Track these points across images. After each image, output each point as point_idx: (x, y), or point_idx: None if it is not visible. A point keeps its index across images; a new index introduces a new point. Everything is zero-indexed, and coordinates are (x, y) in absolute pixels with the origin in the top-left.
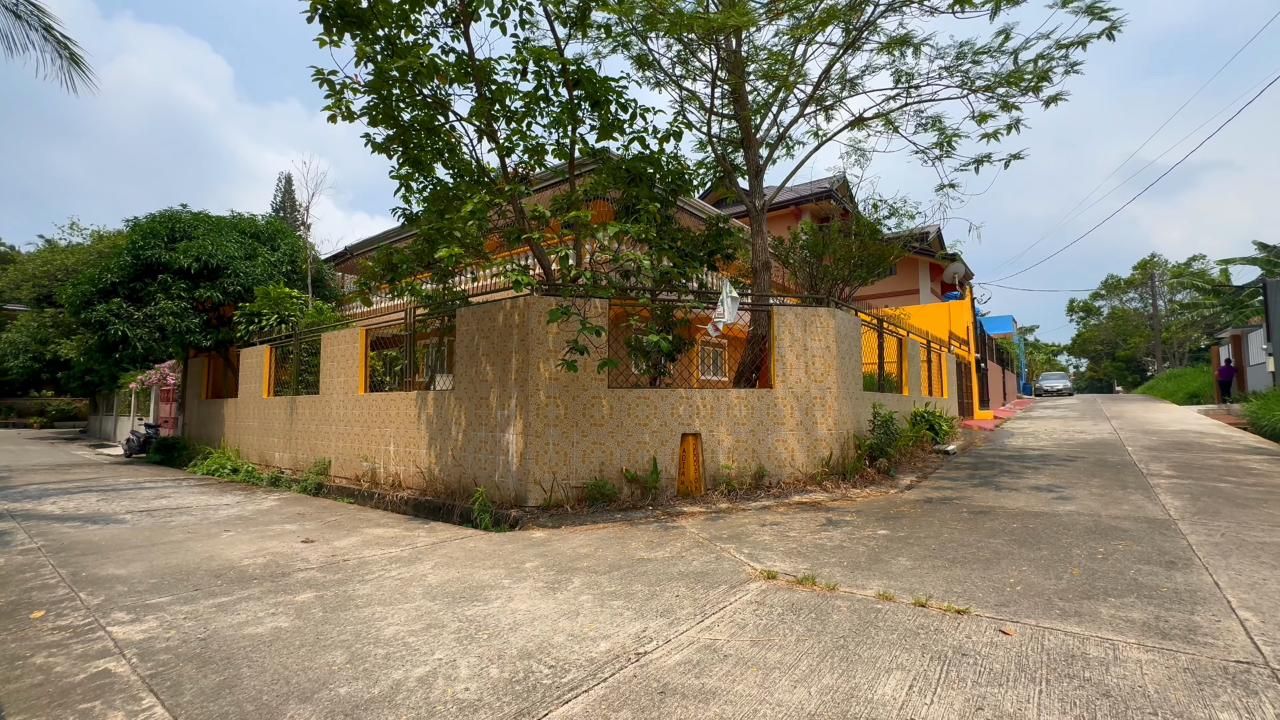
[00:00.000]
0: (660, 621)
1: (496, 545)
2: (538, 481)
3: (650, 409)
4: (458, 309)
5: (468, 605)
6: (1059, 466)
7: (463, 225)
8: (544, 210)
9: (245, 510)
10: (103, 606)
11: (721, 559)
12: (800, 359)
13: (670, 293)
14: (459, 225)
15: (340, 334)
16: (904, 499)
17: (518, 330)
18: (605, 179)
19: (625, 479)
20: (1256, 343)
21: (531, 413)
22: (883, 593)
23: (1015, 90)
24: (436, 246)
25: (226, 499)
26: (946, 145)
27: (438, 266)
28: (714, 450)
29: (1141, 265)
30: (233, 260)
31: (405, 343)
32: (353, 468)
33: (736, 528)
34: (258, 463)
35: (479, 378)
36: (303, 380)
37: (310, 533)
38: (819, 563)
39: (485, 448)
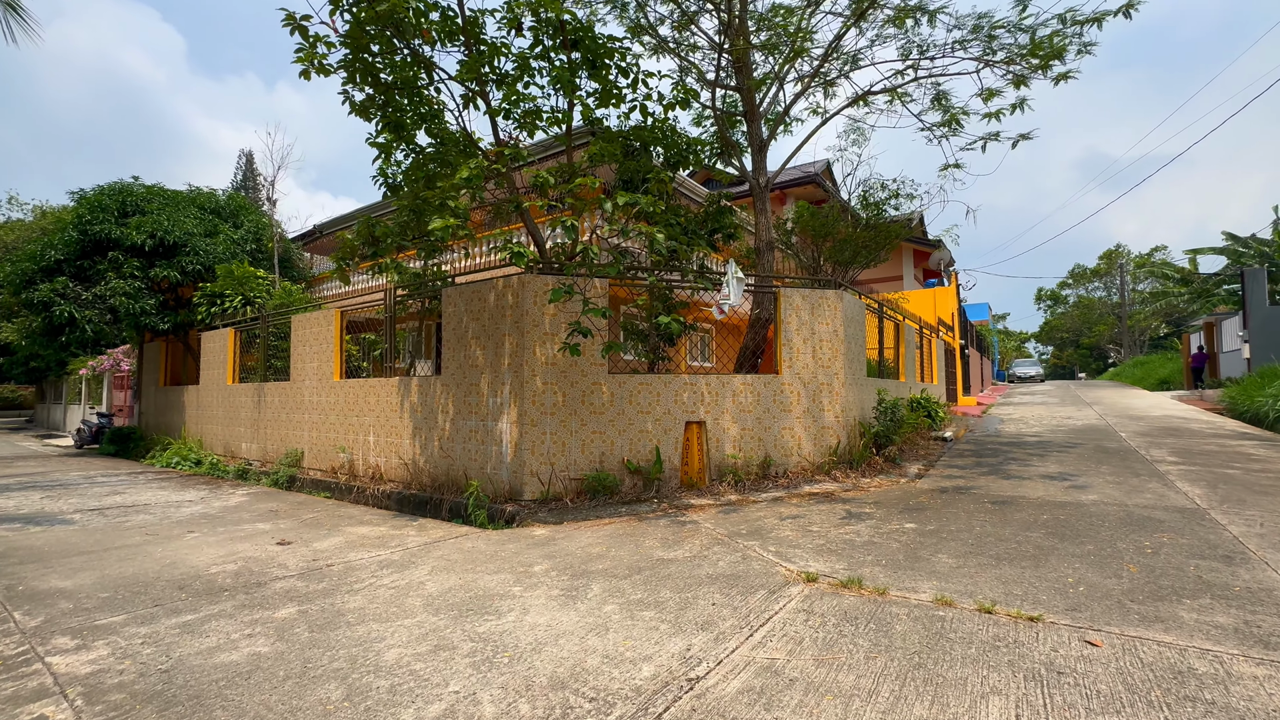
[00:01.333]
0: (704, 637)
1: (496, 545)
2: (534, 473)
3: (653, 396)
4: (444, 289)
5: (478, 620)
6: (1062, 453)
7: (455, 195)
8: (548, 176)
9: (211, 507)
10: (42, 630)
11: (749, 559)
12: (807, 344)
13: (670, 274)
14: (451, 195)
15: (313, 316)
16: (918, 489)
17: (511, 312)
18: (607, 148)
19: (627, 470)
20: (1230, 330)
21: (527, 400)
22: (940, 597)
23: (1031, 64)
24: (424, 218)
25: (189, 494)
26: (953, 123)
27: (425, 241)
28: (719, 439)
29: (1107, 255)
30: (191, 237)
31: (385, 326)
32: (328, 459)
33: (754, 522)
34: (222, 454)
35: (468, 363)
36: (271, 366)
37: (286, 532)
38: (855, 562)
39: (476, 438)
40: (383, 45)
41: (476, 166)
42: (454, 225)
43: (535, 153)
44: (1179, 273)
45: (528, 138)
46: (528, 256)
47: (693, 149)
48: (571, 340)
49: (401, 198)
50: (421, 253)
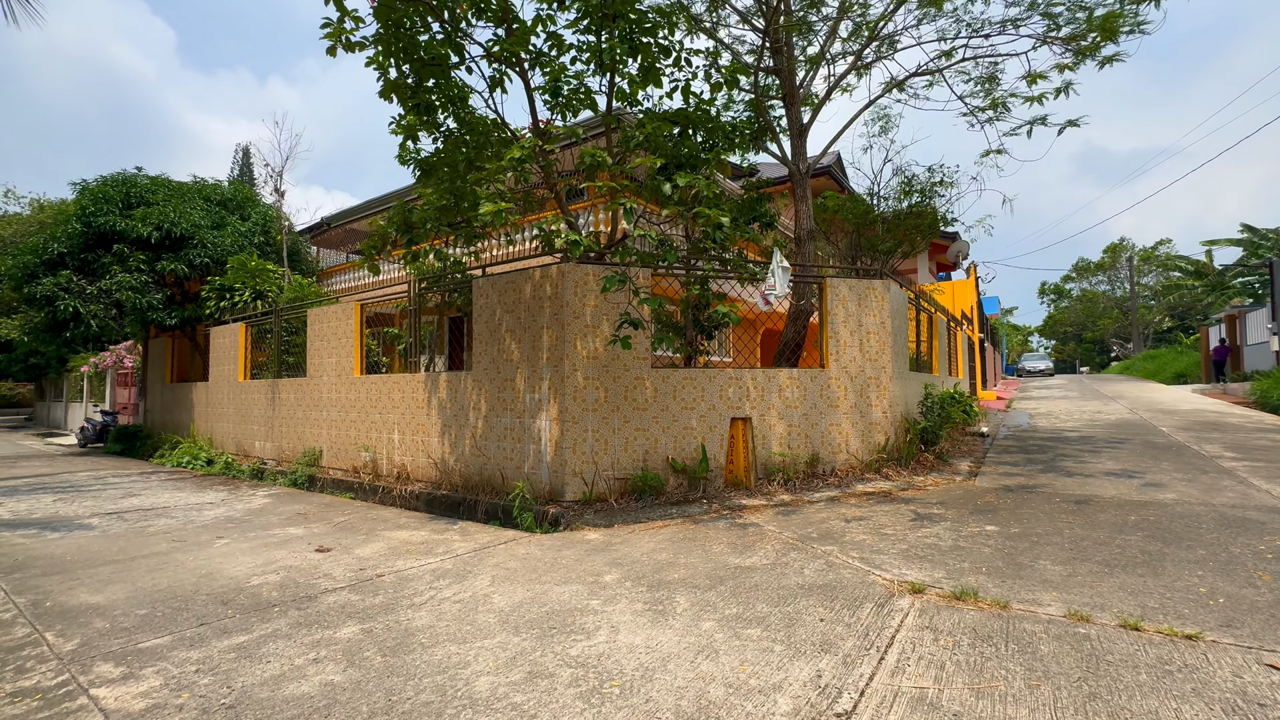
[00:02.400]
0: (829, 661)
1: (552, 552)
2: (576, 473)
3: (697, 391)
4: (474, 281)
5: (565, 640)
6: (1113, 449)
7: (502, 177)
8: (604, 155)
9: (234, 510)
10: (80, 655)
11: (834, 566)
12: (854, 336)
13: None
14: (499, 177)
15: (331, 310)
16: (978, 488)
17: (550, 303)
18: (663, 125)
19: (671, 469)
20: (1255, 322)
21: (568, 396)
22: (1072, 611)
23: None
24: (463, 202)
25: (209, 496)
26: (1001, 106)
27: (466, 227)
28: (765, 436)
29: (1111, 249)
30: (198, 230)
31: (410, 319)
32: (349, 458)
33: (818, 525)
34: (235, 453)
35: (502, 357)
36: (284, 362)
37: (321, 538)
38: (953, 570)
39: (511, 436)
40: (417, 17)
41: (530, 145)
42: (506, 209)
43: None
44: (1193, 265)
45: (561, 120)
46: (583, 243)
47: (739, 131)
48: (622, 333)
49: (438, 180)
50: (459, 239)
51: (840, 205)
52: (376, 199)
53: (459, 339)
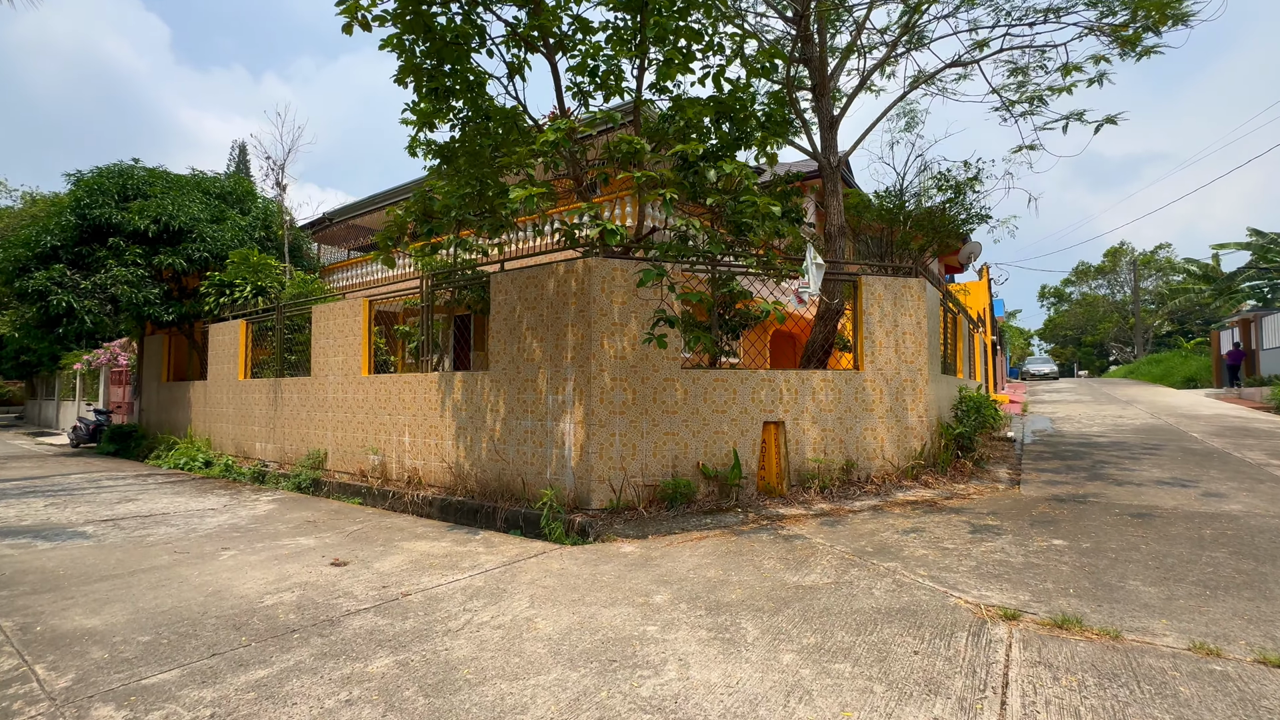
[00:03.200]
0: (944, 706)
1: (588, 567)
2: (603, 479)
3: (729, 394)
4: (492, 276)
5: (629, 676)
6: (1150, 455)
7: (533, 162)
8: (642, 144)
9: (238, 516)
10: (75, 694)
11: (905, 586)
12: (890, 336)
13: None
14: (529, 161)
15: (337, 306)
16: (1027, 497)
17: (575, 299)
18: (705, 109)
19: (702, 475)
20: (1272, 326)
21: (594, 398)
22: (1197, 644)
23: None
24: (488, 191)
25: (209, 501)
26: (1037, 100)
27: (489, 218)
28: (798, 441)
29: (1111, 253)
30: (197, 223)
31: (422, 316)
32: (356, 461)
33: (870, 537)
34: (235, 454)
35: (522, 357)
36: (287, 361)
37: (335, 549)
38: (1037, 591)
39: (532, 439)
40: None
41: (565, 127)
42: (538, 194)
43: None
44: (1201, 269)
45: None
46: (620, 232)
47: (772, 120)
48: (657, 331)
49: (457, 169)
50: (484, 229)
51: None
52: (381, 194)
53: (465, 338)
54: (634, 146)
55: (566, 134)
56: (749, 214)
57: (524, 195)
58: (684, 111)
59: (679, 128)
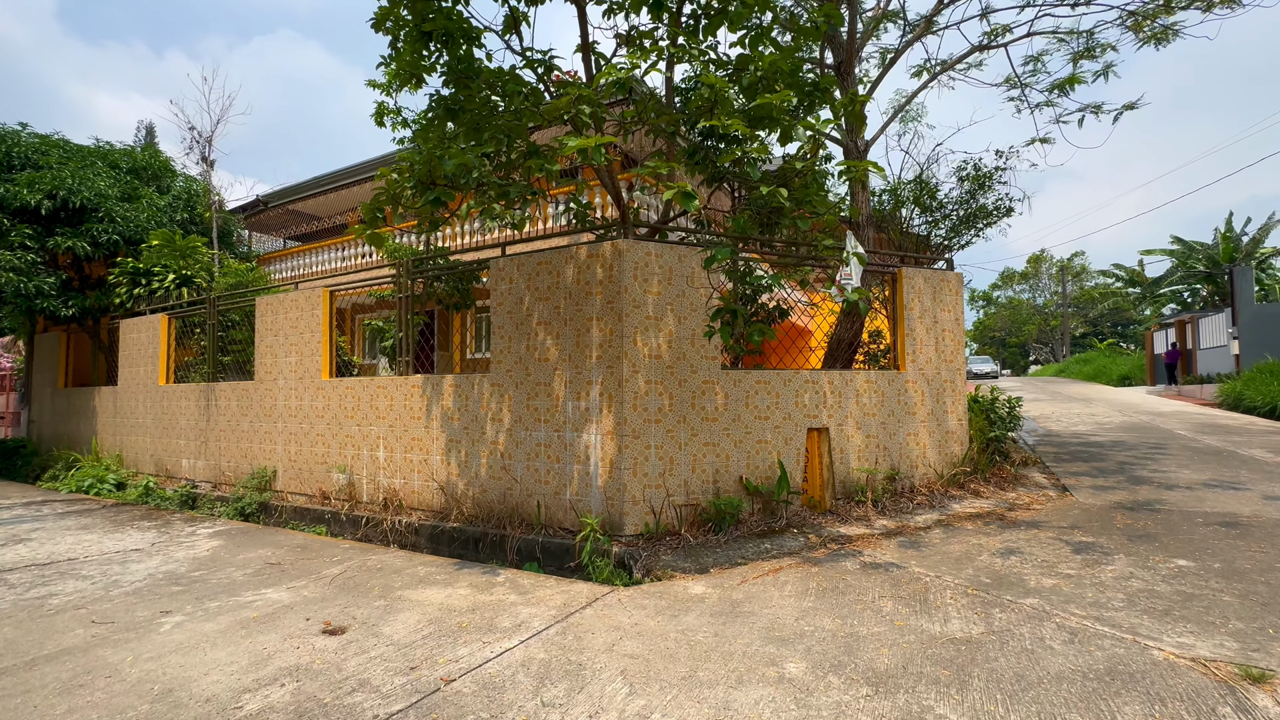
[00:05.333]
0: None
1: (666, 619)
2: (637, 500)
3: (772, 397)
4: (492, 262)
5: None
6: (1162, 454)
7: (582, 111)
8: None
9: (174, 560)
10: None
11: (1081, 635)
12: (930, 334)
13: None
14: (581, 110)
15: (290, 299)
16: (1089, 505)
17: (601, 288)
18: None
19: (745, 491)
20: (1208, 327)
21: (626, 404)
22: None
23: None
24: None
25: (131, 538)
26: (1063, 88)
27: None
28: (842, 448)
29: (1034, 259)
30: (104, 200)
31: (401, 309)
32: (315, 480)
33: (968, 562)
34: (155, 473)
35: (533, 356)
36: (221, 363)
37: (320, 606)
38: (1236, 634)
39: (547, 454)
40: None
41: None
42: (603, 144)
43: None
44: (1129, 274)
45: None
46: (696, 200)
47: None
48: (718, 322)
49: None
50: (509, 198)
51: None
52: (328, 175)
53: (428, 337)
54: (716, 90)
55: (628, 78)
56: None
57: (583, 144)
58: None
59: (756, 75)
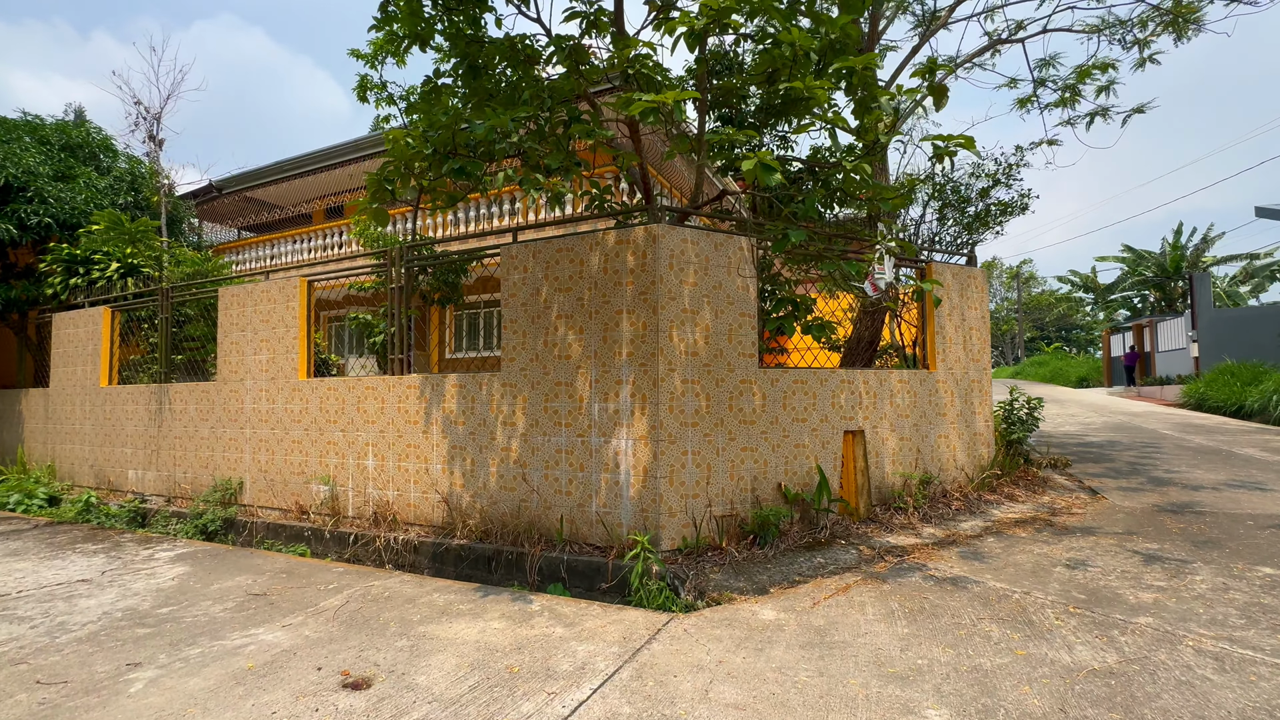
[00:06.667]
0: None
1: (753, 655)
2: (674, 512)
3: (809, 398)
4: (504, 249)
5: None
6: (1161, 454)
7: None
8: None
9: (134, 592)
10: None
11: (1232, 663)
12: (959, 332)
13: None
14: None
15: (261, 289)
16: (1130, 508)
17: (633, 278)
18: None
19: (783, 499)
20: (1168, 331)
21: (661, 406)
22: None
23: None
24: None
25: (75, 565)
26: (1070, 90)
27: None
28: (877, 452)
29: (986, 266)
30: (34, 179)
31: (393, 302)
32: (290, 493)
33: (1044, 574)
34: (94, 486)
35: (552, 353)
36: (173, 362)
37: (328, 649)
38: None
39: (569, 461)
40: None
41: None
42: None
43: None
44: (1083, 280)
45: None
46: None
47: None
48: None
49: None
50: (553, 169)
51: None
52: (291, 160)
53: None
54: (795, 46)
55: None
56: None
57: (661, 100)
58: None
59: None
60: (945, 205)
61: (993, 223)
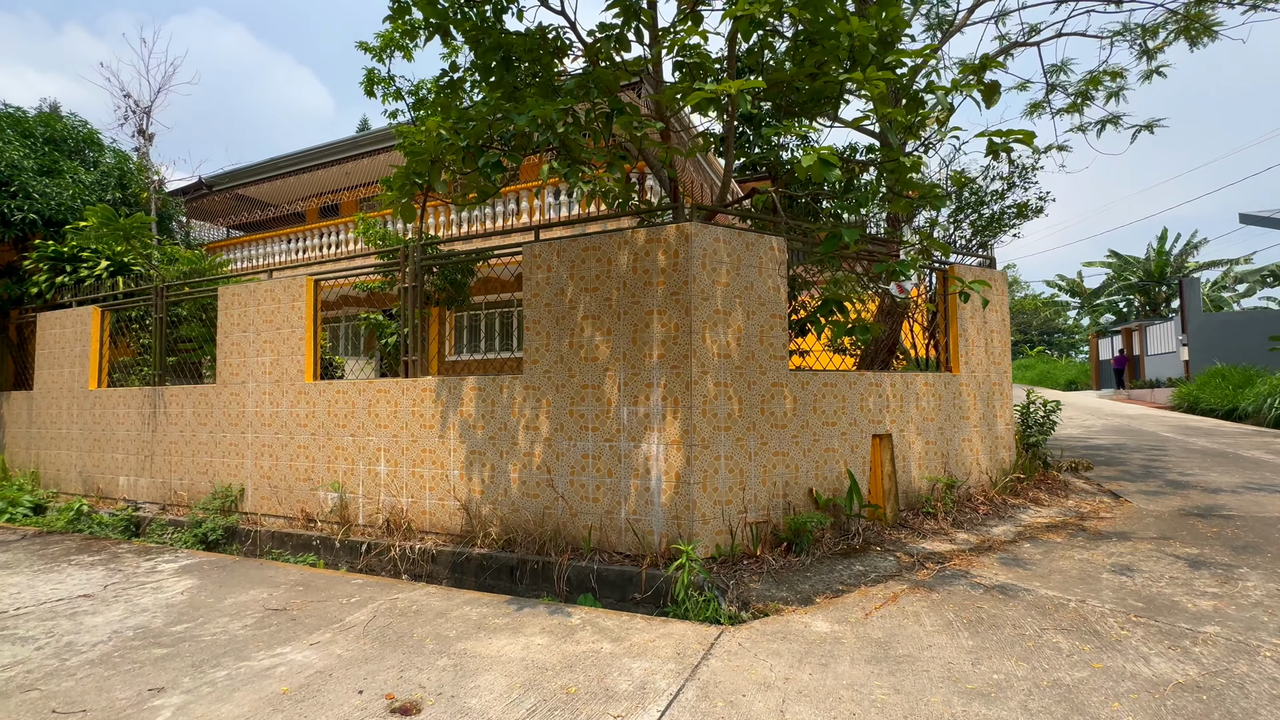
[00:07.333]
0: None
1: (815, 670)
2: (707, 519)
3: (838, 401)
4: (526, 247)
5: None
6: (1169, 457)
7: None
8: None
9: (142, 608)
10: None
11: None
12: (980, 334)
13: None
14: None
15: (262, 289)
16: (1155, 512)
17: (664, 278)
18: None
19: (814, 504)
20: (1157, 335)
21: (694, 410)
22: None
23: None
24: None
25: (72, 578)
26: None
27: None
28: (904, 456)
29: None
30: (19, 173)
31: (406, 302)
32: (296, 499)
33: (1092, 581)
34: (82, 493)
35: (577, 355)
36: (166, 365)
37: (364, 669)
38: None
39: (596, 466)
40: None
41: None
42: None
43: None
44: (1070, 285)
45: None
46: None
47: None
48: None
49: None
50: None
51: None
52: (285, 157)
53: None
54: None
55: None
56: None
57: (723, 90)
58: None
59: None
60: (961, 207)
61: (1009, 225)
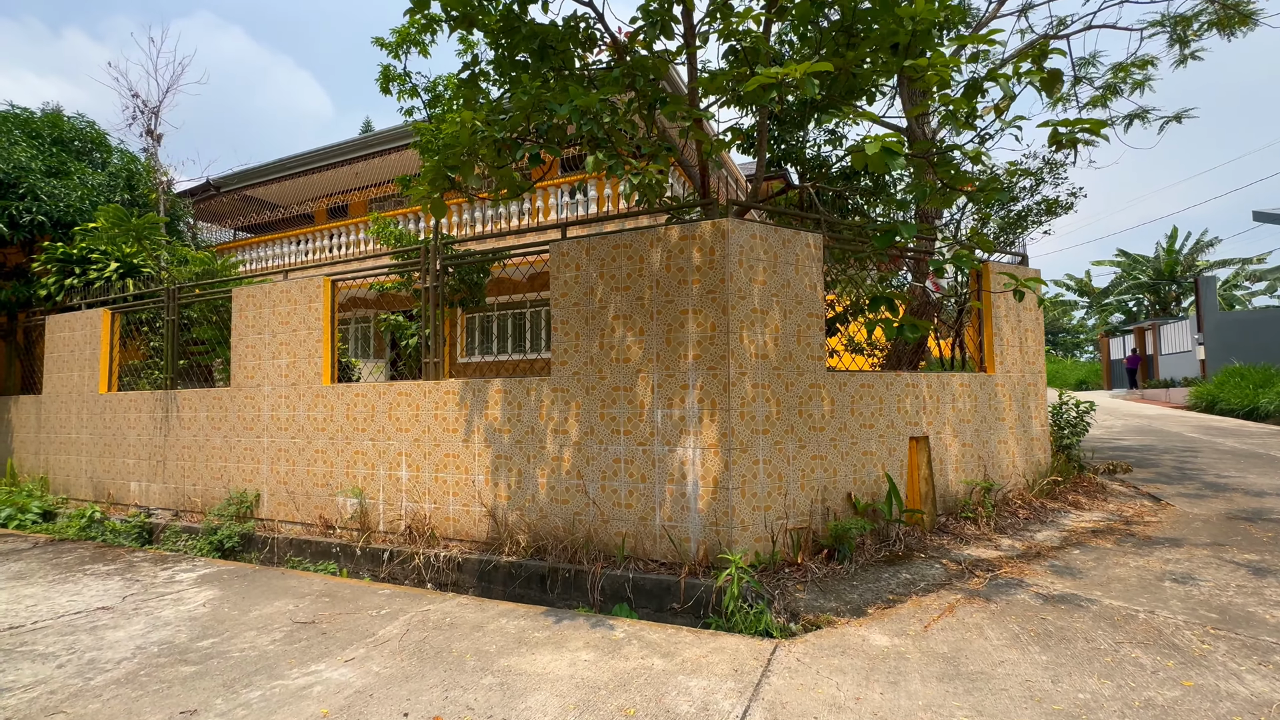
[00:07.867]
0: None
1: (885, 689)
2: (746, 525)
3: (876, 403)
4: (554, 245)
5: None
6: (1201, 457)
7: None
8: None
9: (164, 621)
10: None
11: None
12: (1015, 334)
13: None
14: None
15: (278, 290)
16: (1202, 515)
17: (700, 276)
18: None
19: (853, 509)
20: (1171, 334)
21: (732, 412)
22: None
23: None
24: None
25: (89, 589)
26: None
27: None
28: (941, 459)
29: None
30: (27, 175)
31: (427, 302)
32: (314, 505)
33: (1161, 591)
34: (93, 499)
35: (608, 357)
36: (179, 368)
37: (403, 688)
38: None
39: (630, 471)
40: None
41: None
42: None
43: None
44: (1079, 284)
45: None
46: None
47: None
48: (880, 316)
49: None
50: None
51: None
52: (294, 157)
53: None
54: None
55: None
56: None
57: (785, 74)
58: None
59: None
60: (988, 202)
61: (1037, 221)
